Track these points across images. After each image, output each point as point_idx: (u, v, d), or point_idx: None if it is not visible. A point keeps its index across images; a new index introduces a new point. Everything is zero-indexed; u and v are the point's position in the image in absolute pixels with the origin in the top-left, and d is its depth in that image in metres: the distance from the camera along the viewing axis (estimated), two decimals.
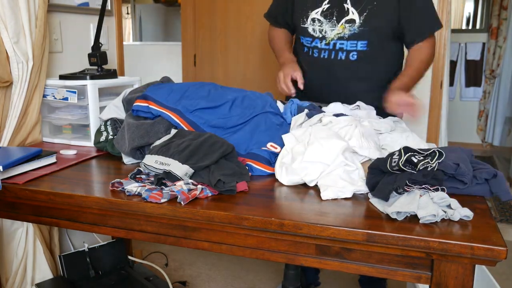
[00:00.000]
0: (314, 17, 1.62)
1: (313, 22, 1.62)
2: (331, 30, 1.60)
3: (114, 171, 1.28)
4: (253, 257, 1.01)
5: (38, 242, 1.65)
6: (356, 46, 1.59)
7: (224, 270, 2.45)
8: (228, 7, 3.03)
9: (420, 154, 0.97)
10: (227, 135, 1.28)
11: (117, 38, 2.13)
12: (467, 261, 0.85)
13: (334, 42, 1.60)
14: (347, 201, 1.03)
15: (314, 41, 1.65)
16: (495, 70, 4.98)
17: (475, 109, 5.27)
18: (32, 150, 1.27)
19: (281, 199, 1.06)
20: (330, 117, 1.29)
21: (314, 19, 1.62)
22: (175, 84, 1.43)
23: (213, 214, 0.97)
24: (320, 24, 1.61)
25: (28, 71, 1.50)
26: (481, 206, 0.98)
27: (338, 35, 1.59)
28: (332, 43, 1.61)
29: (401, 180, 0.94)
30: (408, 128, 1.33)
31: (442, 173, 0.98)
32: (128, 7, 5.44)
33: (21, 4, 1.45)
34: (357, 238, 0.88)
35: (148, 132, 1.25)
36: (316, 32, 1.63)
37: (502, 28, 4.87)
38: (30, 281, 1.65)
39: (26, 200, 1.16)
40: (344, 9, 1.57)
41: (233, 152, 1.16)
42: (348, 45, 1.59)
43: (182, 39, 3.22)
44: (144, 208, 1.02)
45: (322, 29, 1.61)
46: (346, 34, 1.58)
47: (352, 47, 1.59)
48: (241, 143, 1.25)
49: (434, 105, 2.66)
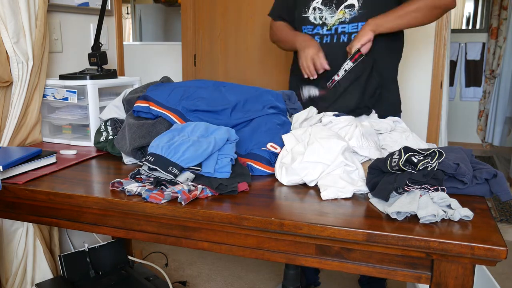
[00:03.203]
0: (315, 6, 1.66)
1: (313, 11, 1.66)
2: (331, 16, 1.63)
3: (114, 171, 1.28)
4: (253, 257, 1.01)
5: (38, 242, 1.65)
6: (357, 27, 1.62)
7: (224, 270, 2.45)
8: (228, 7, 3.03)
9: (420, 154, 0.97)
10: None
11: (117, 38, 2.13)
12: (467, 261, 0.85)
13: (336, 27, 1.64)
14: (347, 201, 1.03)
15: (316, 28, 1.68)
16: (495, 70, 4.98)
17: (475, 109, 5.28)
18: (32, 150, 1.27)
19: (281, 199, 1.06)
20: (330, 117, 1.29)
21: (315, 7, 1.66)
22: (176, 83, 1.43)
23: (213, 214, 0.97)
24: (320, 11, 1.65)
25: (28, 71, 1.50)
26: (481, 206, 0.98)
27: (339, 20, 1.63)
28: (334, 28, 1.64)
29: (401, 180, 0.95)
30: (408, 128, 1.33)
31: (442, 173, 0.98)
32: (128, 7, 5.45)
33: (21, 4, 1.45)
34: (357, 238, 0.88)
35: (149, 132, 1.25)
36: (316, 20, 1.67)
37: (502, 28, 4.88)
38: (30, 281, 1.65)
39: (26, 200, 1.16)
40: None
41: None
42: (349, 28, 1.63)
43: (182, 39, 3.22)
44: (144, 208, 1.02)
45: (322, 16, 1.65)
46: (347, 18, 1.62)
47: (353, 29, 1.62)
48: (241, 143, 1.25)
49: (434, 105, 2.66)
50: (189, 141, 1.09)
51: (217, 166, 1.10)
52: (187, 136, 1.13)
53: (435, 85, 2.65)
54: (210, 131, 1.16)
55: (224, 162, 1.11)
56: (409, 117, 1.78)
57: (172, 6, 5.43)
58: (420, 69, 2.64)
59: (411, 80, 2.67)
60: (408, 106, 1.82)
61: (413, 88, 2.66)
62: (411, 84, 2.67)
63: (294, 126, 1.34)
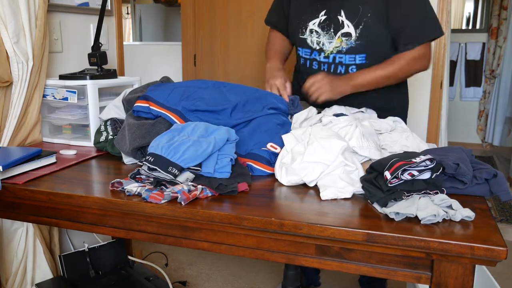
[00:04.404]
0: (312, 28, 1.60)
1: (311, 33, 1.60)
2: (329, 42, 1.58)
3: (114, 171, 1.28)
4: (253, 257, 1.01)
5: (38, 242, 1.65)
6: (354, 60, 1.57)
7: (224, 270, 2.45)
8: (228, 7, 3.03)
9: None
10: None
11: (117, 38, 2.13)
12: (467, 261, 0.85)
13: (334, 56, 1.58)
14: (347, 201, 1.03)
15: (313, 53, 1.63)
16: (495, 70, 4.98)
17: (475, 109, 5.28)
18: (32, 150, 1.27)
19: (281, 199, 1.06)
20: (330, 117, 1.29)
21: (312, 30, 1.60)
22: (176, 83, 1.43)
23: (213, 214, 0.97)
24: (318, 36, 1.59)
25: (28, 71, 1.50)
26: (481, 206, 0.98)
27: (336, 49, 1.57)
28: (331, 57, 1.59)
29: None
30: (408, 128, 1.33)
31: (441, 180, 0.98)
32: (128, 7, 5.45)
33: (21, 4, 1.45)
34: (357, 238, 0.88)
35: (150, 132, 1.25)
36: (314, 44, 1.61)
37: (502, 28, 4.87)
38: (30, 281, 1.65)
39: (26, 200, 1.16)
40: (339, 22, 1.54)
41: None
42: (346, 59, 1.57)
43: (182, 39, 3.22)
44: (144, 208, 1.02)
45: (320, 41, 1.59)
46: (344, 48, 1.56)
47: (350, 61, 1.57)
48: (241, 143, 1.25)
49: (434, 105, 2.66)
50: (189, 141, 1.09)
51: (217, 166, 1.10)
52: (187, 136, 1.13)
53: (435, 85, 2.65)
54: (210, 131, 1.16)
55: (224, 162, 1.11)
56: (409, 117, 1.78)
57: (172, 6, 5.43)
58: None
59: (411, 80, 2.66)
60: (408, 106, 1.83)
61: (413, 88, 2.65)
62: (411, 84, 2.65)
63: (294, 126, 1.34)
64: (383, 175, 0.96)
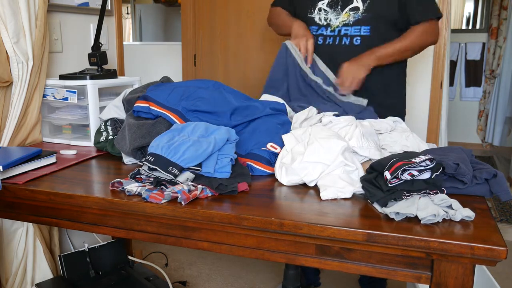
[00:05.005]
0: (321, 7, 1.69)
1: (319, 12, 1.69)
2: (335, 18, 1.66)
3: (114, 171, 1.28)
4: (253, 257, 1.01)
5: (38, 242, 1.65)
6: (359, 31, 1.64)
7: (224, 270, 2.45)
8: (228, 7, 3.03)
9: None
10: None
11: (117, 38, 2.13)
12: (467, 261, 0.85)
13: (339, 29, 1.66)
14: (347, 201, 1.03)
15: (320, 29, 1.71)
16: (495, 70, 4.98)
17: (475, 109, 5.28)
18: (32, 150, 1.27)
19: (281, 199, 1.06)
20: (330, 117, 1.29)
21: (320, 8, 1.69)
22: (176, 83, 1.43)
23: (213, 214, 0.97)
24: (326, 13, 1.67)
25: (28, 71, 1.50)
26: (481, 206, 0.98)
27: (343, 22, 1.65)
28: (337, 30, 1.67)
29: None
30: (408, 128, 1.33)
31: (441, 180, 0.98)
32: (128, 7, 5.44)
33: (21, 4, 1.45)
34: (357, 238, 0.88)
35: (150, 132, 1.25)
36: (321, 21, 1.69)
37: (502, 28, 4.87)
38: (30, 281, 1.65)
39: (26, 200, 1.16)
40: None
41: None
42: (352, 31, 1.65)
43: (182, 39, 3.22)
44: (144, 208, 1.02)
45: (327, 17, 1.68)
46: (351, 21, 1.64)
47: (355, 32, 1.65)
48: (241, 143, 1.25)
49: (434, 105, 2.66)
50: (189, 141, 1.09)
51: (217, 166, 1.10)
52: (187, 136, 1.13)
53: (435, 85, 2.65)
54: (210, 131, 1.16)
55: (224, 162, 1.11)
56: (409, 117, 1.79)
57: (172, 6, 5.43)
58: (420, 69, 2.64)
59: (411, 80, 2.67)
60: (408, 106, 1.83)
61: (413, 88, 2.66)
62: (411, 84, 2.66)
63: (294, 126, 1.34)
64: (383, 175, 0.96)
